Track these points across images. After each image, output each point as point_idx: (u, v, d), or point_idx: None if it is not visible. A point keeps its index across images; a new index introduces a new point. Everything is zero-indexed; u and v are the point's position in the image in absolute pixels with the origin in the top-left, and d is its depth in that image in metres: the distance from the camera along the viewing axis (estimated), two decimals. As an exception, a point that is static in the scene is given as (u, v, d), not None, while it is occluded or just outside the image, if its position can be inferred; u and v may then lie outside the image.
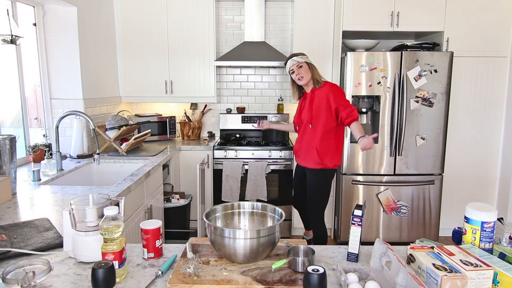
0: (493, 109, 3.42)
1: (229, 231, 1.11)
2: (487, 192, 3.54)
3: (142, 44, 3.66)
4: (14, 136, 1.95)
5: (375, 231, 3.34)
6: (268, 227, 1.13)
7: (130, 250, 1.28)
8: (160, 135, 3.78)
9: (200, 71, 3.70)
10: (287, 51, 3.93)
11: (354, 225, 1.19)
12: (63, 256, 1.22)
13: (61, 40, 2.90)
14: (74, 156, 2.87)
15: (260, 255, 1.14)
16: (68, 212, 1.15)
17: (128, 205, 2.09)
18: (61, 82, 2.96)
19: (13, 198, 1.86)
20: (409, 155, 3.23)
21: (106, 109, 3.45)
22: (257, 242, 1.11)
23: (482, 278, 0.91)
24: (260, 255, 1.14)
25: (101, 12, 3.33)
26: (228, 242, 1.11)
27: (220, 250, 1.14)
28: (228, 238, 1.11)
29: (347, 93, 3.18)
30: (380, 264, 1.06)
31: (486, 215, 1.08)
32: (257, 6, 3.57)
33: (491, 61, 3.35)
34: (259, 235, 1.11)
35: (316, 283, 0.92)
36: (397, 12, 3.27)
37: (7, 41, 2.37)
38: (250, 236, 1.10)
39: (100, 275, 0.92)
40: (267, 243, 1.13)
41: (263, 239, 1.11)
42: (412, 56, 3.11)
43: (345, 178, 3.30)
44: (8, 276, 1.00)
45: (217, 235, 1.13)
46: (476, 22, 3.29)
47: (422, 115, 3.18)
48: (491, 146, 3.47)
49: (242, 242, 1.10)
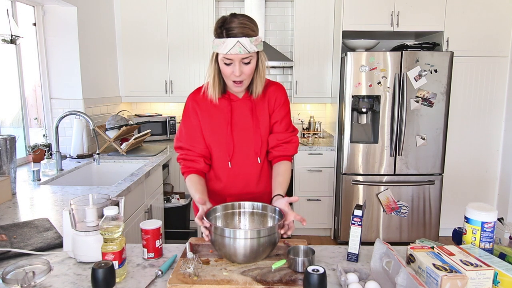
0: (493, 109, 3.42)
1: (229, 231, 1.10)
2: (487, 192, 3.54)
3: (142, 44, 3.66)
4: (14, 136, 1.95)
5: (375, 231, 3.34)
6: (269, 227, 1.13)
7: (130, 250, 1.27)
8: (160, 135, 3.78)
9: (200, 71, 3.70)
10: (287, 51, 3.93)
11: (354, 225, 1.19)
12: (63, 256, 1.22)
13: (61, 40, 2.90)
14: (74, 156, 2.87)
15: (260, 255, 1.14)
16: (68, 212, 1.15)
17: (128, 205, 2.09)
18: (61, 82, 2.96)
19: (13, 198, 1.86)
20: (409, 155, 3.23)
21: (106, 109, 3.44)
22: (258, 242, 1.10)
23: (482, 278, 0.91)
24: (260, 255, 1.14)
25: (101, 12, 3.33)
26: (228, 242, 1.10)
27: (220, 250, 1.14)
28: (229, 238, 1.10)
29: (347, 93, 3.17)
30: (380, 264, 1.05)
31: (486, 215, 1.08)
32: (257, 6, 3.57)
33: (491, 61, 3.35)
34: (259, 235, 1.10)
35: (316, 283, 0.92)
36: (397, 12, 3.26)
37: (7, 41, 2.37)
38: (250, 236, 1.09)
39: (100, 275, 0.92)
40: (267, 243, 1.12)
41: (263, 239, 1.11)
42: (412, 56, 3.11)
43: (345, 178, 3.29)
44: (8, 276, 1.00)
45: (217, 235, 1.12)
46: (476, 22, 3.29)
47: (422, 115, 3.18)
48: (491, 146, 3.47)
49: (242, 242, 1.09)
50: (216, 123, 1.44)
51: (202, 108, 1.45)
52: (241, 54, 1.27)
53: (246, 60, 1.30)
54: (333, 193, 3.53)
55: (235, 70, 1.31)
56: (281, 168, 1.47)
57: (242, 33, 1.26)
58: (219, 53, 1.31)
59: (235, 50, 1.26)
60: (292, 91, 3.77)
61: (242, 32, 1.26)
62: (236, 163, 1.46)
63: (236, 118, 1.44)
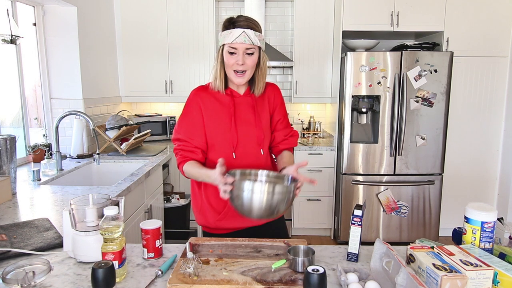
0: (493, 109, 3.42)
1: (248, 183, 1.18)
2: (487, 192, 3.54)
3: (142, 44, 3.66)
4: (14, 136, 1.95)
5: (375, 231, 3.34)
6: (284, 185, 1.26)
7: (130, 250, 1.27)
8: (160, 135, 3.78)
9: (200, 71, 3.70)
10: (287, 51, 3.93)
11: (354, 225, 1.19)
12: (63, 256, 1.22)
13: (61, 40, 2.90)
14: (74, 156, 2.87)
15: (274, 211, 1.20)
16: (68, 212, 1.15)
17: (128, 205, 2.09)
18: (61, 82, 2.96)
19: (13, 198, 1.86)
20: (409, 155, 3.23)
21: (106, 109, 3.45)
22: (272, 197, 1.17)
23: (482, 278, 0.91)
24: (274, 211, 1.20)
25: (101, 12, 3.33)
26: (246, 195, 1.17)
27: (237, 202, 1.21)
28: (247, 190, 1.17)
29: (347, 93, 3.18)
30: (380, 264, 1.06)
31: (486, 215, 1.08)
32: (257, 6, 3.57)
33: (491, 61, 3.35)
34: (274, 190, 1.17)
35: (316, 283, 0.92)
36: (397, 12, 3.26)
37: (7, 41, 2.37)
38: (267, 189, 1.17)
39: (100, 275, 0.92)
40: (282, 200, 1.19)
41: (278, 196, 1.18)
42: (412, 56, 3.11)
43: (345, 178, 3.29)
44: (8, 276, 1.00)
45: (235, 188, 1.19)
46: (476, 22, 3.29)
47: (422, 115, 3.18)
48: (491, 146, 3.47)
49: (258, 196, 1.17)
50: (220, 116, 1.49)
51: (205, 102, 1.49)
52: (245, 44, 1.37)
53: (250, 51, 1.39)
54: (333, 193, 3.53)
55: (238, 59, 1.39)
56: (286, 155, 1.59)
57: (247, 25, 1.38)
58: (225, 43, 1.39)
59: (241, 39, 1.36)
60: (292, 91, 3.77)
61: (248, 25, 1.38)
62: (240, 154, 1.49)
63: (238, 112, 1.50)
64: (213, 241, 1.32)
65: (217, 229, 1.54)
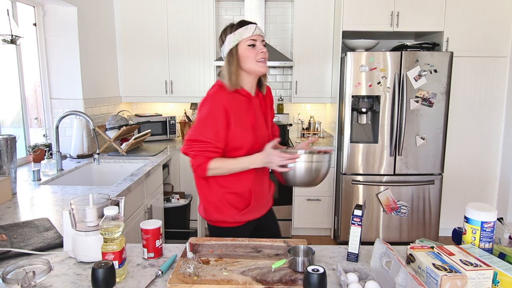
0: (493, 109, 3.42)
1: (309, 155, 1.40)
2: (487, 192, 3.54)
3: (142, 44, 3.66)
4: (14, 136, 1.95)
5: (375, 231, 3.34)
6: (321, 155, 1.43)
7: (130, 250, 1.28)
8: (160, 135, 3.78)
9: (200, 71, 3.70)
10: (287, 51, 3.93)
11: (354, 225, 1.19)
12: (63, 256, 1.22)
13: (61, 40, 2.90)
14: (74, 156, 2.87)
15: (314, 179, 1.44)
16: (68, 212, 1.15)
17: (128, 205, 2.09)
18: (61, 82, 2.96)
19: (13, 198, 1.86)
20: (409, 155, 3.23)
21: (106, 109, 3.45)
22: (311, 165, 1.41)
23: (482, 278, 0.91)
24: (314, 178, 1.44)
25: (101, 12, 3.33)
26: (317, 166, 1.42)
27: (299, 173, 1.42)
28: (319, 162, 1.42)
29: (347, 93, 3.18)
30: (380, 264, 1.06)
31: (486, 215, 1.08)
32: (257, 6, 3.57)
33: (491, 61, 3.35)
34: (312, 160, 1.41)
35: (316, 283, 0.92)
36: (397, 12, 3.27)
37: (7, 41, 2.37)
38: (306, 159, 1.40)
39: (100, 275, 0.92)
40: (319, 168, 1.43)
41: (316, 164, 1.42)
42: (412, 56, 3.11)
43: (345, 178, 3.30)
44: (8, 276, 1.00)
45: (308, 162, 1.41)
46: (476, 22, 3.29)
47: (422, 115, 3.18)
48: (491, 146, 3.47)
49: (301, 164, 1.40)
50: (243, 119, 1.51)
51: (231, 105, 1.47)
52: (262, 36, 1.51)
53: (263, 43, 1.52)
54: (333, 193, 3.53)
55: (261, 47, 1.49)
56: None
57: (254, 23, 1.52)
58: (242, 39, 1.47)
59: (258, 31, 1.49)
60: (292, 91, 3.77)
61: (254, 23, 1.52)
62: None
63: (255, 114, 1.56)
64: (213, 241, 1.33)
65: (235, 222, 1.56)
